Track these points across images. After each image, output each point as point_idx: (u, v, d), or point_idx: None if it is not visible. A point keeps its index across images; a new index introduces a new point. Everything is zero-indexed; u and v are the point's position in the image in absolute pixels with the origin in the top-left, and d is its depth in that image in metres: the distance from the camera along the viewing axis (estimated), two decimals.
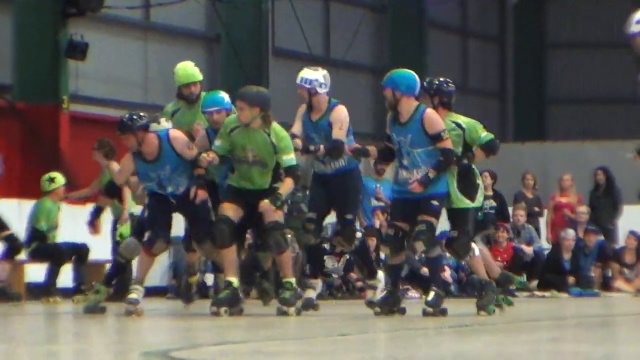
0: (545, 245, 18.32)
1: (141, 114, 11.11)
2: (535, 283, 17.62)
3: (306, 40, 25.77)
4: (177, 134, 10.81)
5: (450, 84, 10.87)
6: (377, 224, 17.83)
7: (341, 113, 10.94)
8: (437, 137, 10.02)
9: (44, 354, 7.05)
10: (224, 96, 11.03)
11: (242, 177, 10.71)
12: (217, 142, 10.63)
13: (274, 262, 11.96)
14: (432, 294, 10.20)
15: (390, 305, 10.33)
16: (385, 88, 10.36)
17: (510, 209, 18.87)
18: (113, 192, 12.35)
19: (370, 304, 11.00)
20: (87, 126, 21.30)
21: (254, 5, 23.90)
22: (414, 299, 17.76)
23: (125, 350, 7.25)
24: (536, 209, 18.66)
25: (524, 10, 30.92)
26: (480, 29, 30.58)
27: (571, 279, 19.11)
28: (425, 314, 10.06)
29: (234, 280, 10.42)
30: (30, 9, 19.83)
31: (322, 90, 10.90)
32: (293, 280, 10.68)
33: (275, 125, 10.51)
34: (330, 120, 10.88)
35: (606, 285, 18.69)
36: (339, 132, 10.70)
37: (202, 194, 10.62)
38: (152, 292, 16.39)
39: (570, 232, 18.36)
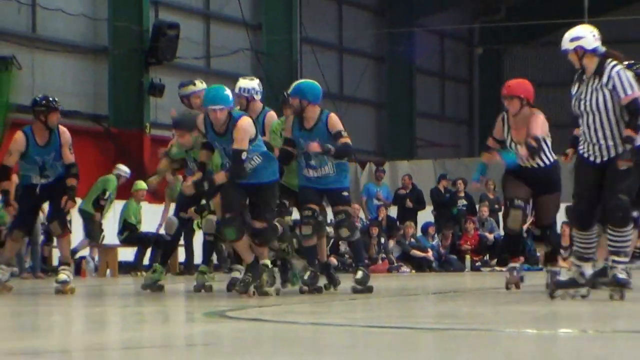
0: (502, 233, 18.56)
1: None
2: (495, 261, 17.65)
3: (325, 81, 24.70)
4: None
5: None
6: (380, 217, 19.03)
7: (268, 119, 9.36)
8: (338, 135, 8.60)
9: (133, 313, 7.04)
10: (228, 93, 8.75)
11: None
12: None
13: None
14: (360, 273, 8.82)
15: (314, 284, 8.66)
16: (292, 97, 8.73)
17: (477, 206, 19.11)
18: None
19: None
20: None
21: (287, 56, 24.00)
22: (405, 273, 18.49)
23: (191, 311, 7.29)
24: (496, 206, 19.04)
25: (487, 59, 31.28)
26: (454, 73, 30.79)
27: (522, 258, 18.53)
28: (355, 291, 8.73)
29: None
30: (122, 59, 19.95)
31: (257, 97, 9.40)
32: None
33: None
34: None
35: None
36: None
37: None
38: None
39: None
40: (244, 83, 9.49)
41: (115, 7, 20.19)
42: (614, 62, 7.18)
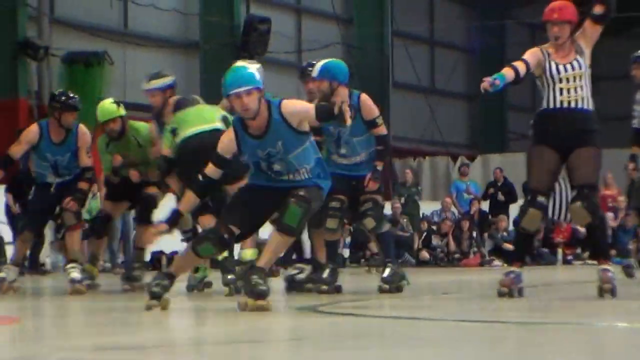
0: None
1: None
2: (587, 254, 17.78)
3: (417, 74, 26.50)
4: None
5: None
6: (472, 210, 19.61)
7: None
8: (373, 125, 7.67)
9: (224, 309, 6.97)
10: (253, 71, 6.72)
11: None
12: None
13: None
14: (387, 271, 7.93)
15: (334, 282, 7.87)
16: (320, 80, 7.72)
17: None
18: None
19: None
20: None
21: (378, 50, 24.48)
22: (497, 267, 18.04)
23: (283, 306, 7.27)
24: None
25: None
26: None
27: (613, 251, 18.90)
28: (381, 290, 7.83)
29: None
30: (213, 53, 20.62)
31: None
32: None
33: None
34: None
35: None
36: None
37: None
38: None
39: (611, 215, 18.56)
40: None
41: (207, 1, 20.93)
42: None
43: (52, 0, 19.46)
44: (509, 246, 18.72)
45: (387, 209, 16.97)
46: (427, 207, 21.19)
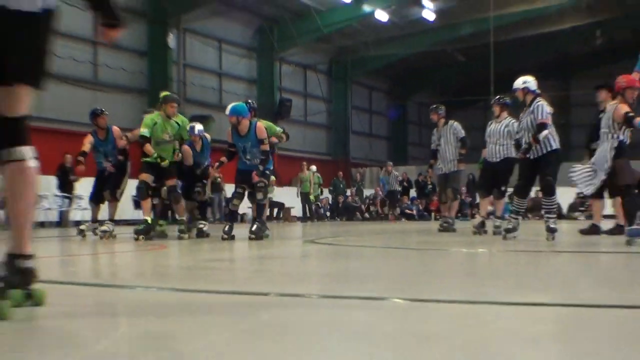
0: None
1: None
2: None
3: (363, 128, 34.32)
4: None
5: None
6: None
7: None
8: (261, 142, 10.06)
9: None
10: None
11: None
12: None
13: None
14: (254, 226, 10.12)
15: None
16: (230, 116, 10.11)
17: None
18: None
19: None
20: None
21: (345, 116, 32.80)
22: (403, 222, 24.13)
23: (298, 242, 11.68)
24: None
25: None
26: None
27: None
28: (250, 238, 9.91)
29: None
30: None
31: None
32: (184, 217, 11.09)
33: None
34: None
35: None
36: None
37: None
38: None
39: None
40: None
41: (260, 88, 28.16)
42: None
43: None
44: (409, 212, 26.16)
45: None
46: (367, 191, 29.16)
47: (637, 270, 5.86)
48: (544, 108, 9.04)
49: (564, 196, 26.91)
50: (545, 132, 8.91)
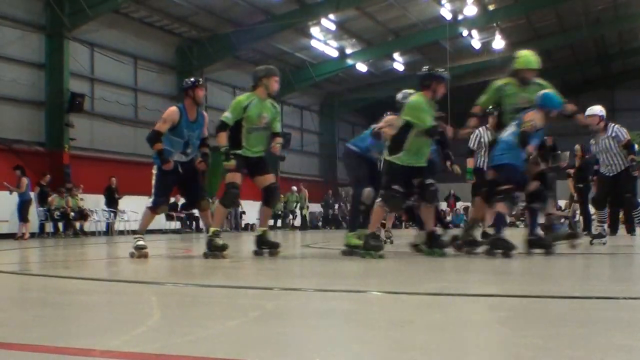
0: None
1: None
2: None
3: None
4: None
5: None
6: None
7: None
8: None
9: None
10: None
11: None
12: None
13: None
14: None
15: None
16: None
17: None
18: None
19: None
20: None
21: (332, 142, 34.52)
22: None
23: None
24: None
25: None
26: None
27: None
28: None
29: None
30: None
31: None
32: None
33: None
34: None
35: None
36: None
37: None
38: None
39: None
40: None
41: None
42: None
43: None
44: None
45: None
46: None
47: (579, 268, 5.86)
48: (623, 130, 8.56)
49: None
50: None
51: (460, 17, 25.40)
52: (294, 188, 26.53)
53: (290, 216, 26.65)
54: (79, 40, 20.10)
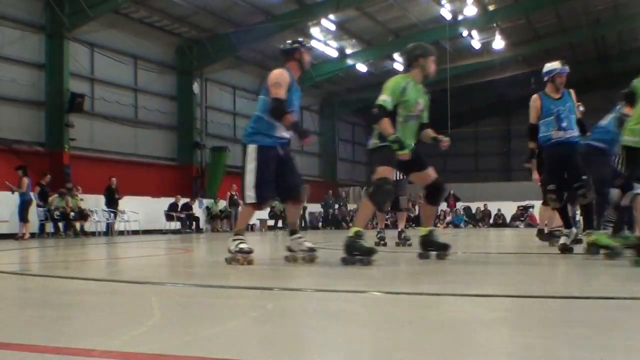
0: None
1: None
2: None
3: (346, 153, 37.22)
4: None
5: None
6: None
7: None
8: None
9: None
10: None
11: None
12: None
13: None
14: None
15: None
16: None
17: None
18: None
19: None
20: None
21: (332, 144, 33.72)
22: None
23: None
24: None
25: None
26: None
27: None
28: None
29: None
30: None
31: None
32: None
33: None
34: None
35: None
36: None
37: None
38: None
39: None
40: None
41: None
42: None
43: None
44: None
45: None
46: (351, 206, 29.10)
47: (567, 270, 5.86)
48: None
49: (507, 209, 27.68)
50: None
51: (460, 17, 25.37)
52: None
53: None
54: (79, 41, 20.07)
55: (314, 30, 25.57)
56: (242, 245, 5.65)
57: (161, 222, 20.15)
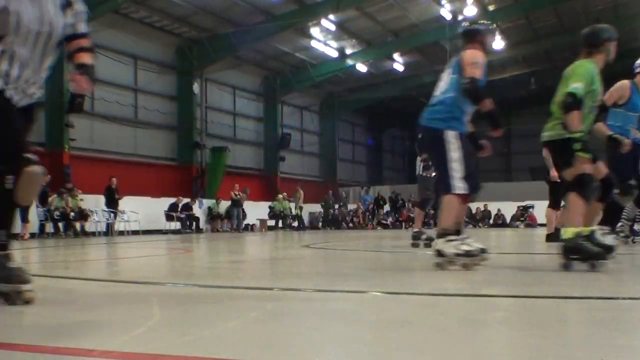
0: None
1: None
2: None
3: (351, 154, 37.24)
4: None
5: None
6: None
7: None
8: None
9: None
10: None
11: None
12: None
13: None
14: None
15: None
16: None
17: None
18: None
19: None
20: None
21: (333, 145, 33.80)
22: (379, 230, 24.42)
23: None
24: None
25: None
26: None
27: None
28: None
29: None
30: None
31: None
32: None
33: None
34: None
35: None
36: None
37: None
38: None
39: None
40: None
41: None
42: None
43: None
44: (385, 222, 26.76)
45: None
46: (351, 206, 29.95)
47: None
48: None
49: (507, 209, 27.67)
50: None
51: (460, 17, 25.32)
52: (285, 194, 25.83)
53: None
54: None
55: (314, 30, 25.59)
56: (464, 247, 4.96)
57: (161, 222, 20.27)
